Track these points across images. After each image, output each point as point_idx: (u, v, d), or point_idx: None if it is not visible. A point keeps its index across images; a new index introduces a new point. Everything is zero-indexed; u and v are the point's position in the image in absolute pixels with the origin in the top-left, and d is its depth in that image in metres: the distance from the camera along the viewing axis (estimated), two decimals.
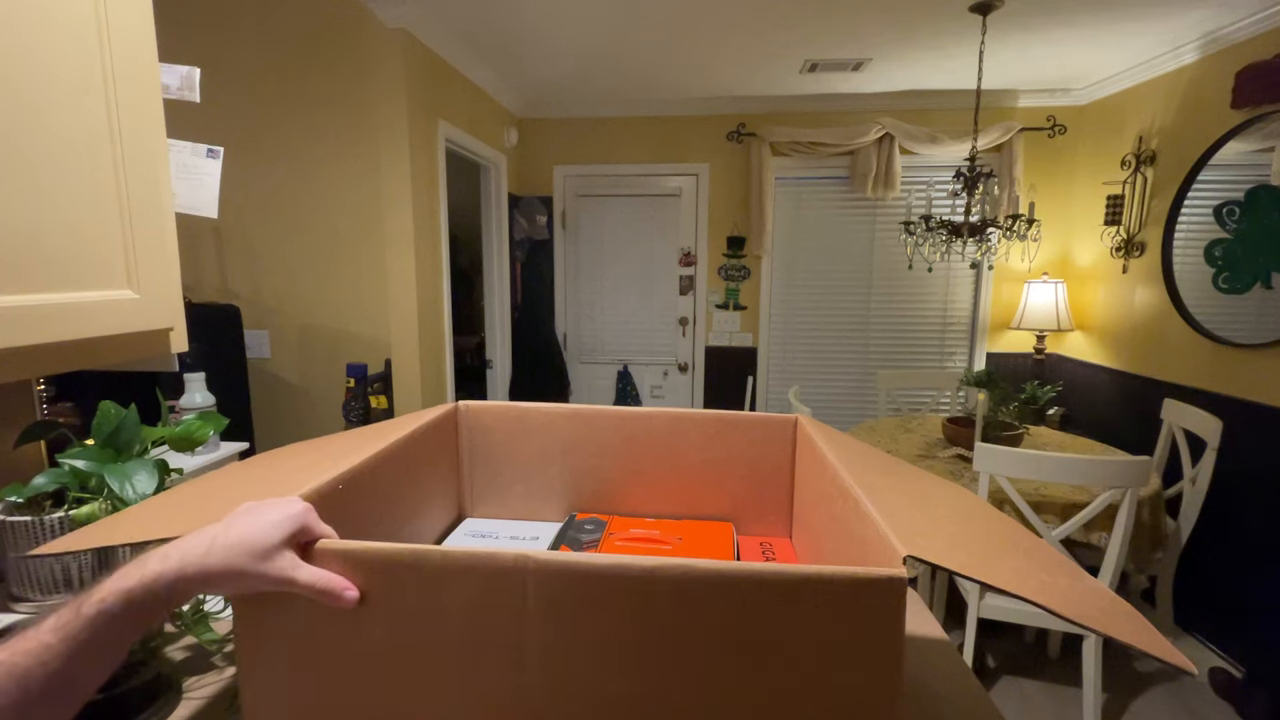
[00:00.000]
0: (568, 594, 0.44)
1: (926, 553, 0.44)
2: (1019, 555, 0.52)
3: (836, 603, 0.42)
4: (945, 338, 3.66)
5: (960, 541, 0.52)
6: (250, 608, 0.47)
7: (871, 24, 2.42)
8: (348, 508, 0.61)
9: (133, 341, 0.79)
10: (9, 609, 0.67)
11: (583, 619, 0.45)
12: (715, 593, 0.43)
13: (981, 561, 0.47)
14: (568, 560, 0.44)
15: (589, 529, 0.86)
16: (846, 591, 0.42)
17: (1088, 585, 0.48)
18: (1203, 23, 2.36)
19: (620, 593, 0.44)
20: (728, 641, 0.44)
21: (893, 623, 0.42)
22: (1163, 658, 0.40)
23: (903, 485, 0.67)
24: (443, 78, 2.65)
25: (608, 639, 0.45)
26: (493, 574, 0.45)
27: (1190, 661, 0.40)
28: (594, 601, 0.44)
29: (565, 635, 0.45)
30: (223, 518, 0.47)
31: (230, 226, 2.46)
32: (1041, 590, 0.43)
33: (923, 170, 3.49)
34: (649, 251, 3.78)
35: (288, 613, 0.47)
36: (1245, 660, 2.25)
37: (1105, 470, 1.72)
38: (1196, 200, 2.55)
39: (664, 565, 0.43)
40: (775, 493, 0.91)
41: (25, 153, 0.65)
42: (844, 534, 0.61)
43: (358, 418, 2.33)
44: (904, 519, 0.52)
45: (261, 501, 0.47)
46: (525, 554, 0.44)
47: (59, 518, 0.69)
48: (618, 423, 0.90)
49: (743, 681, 0.44)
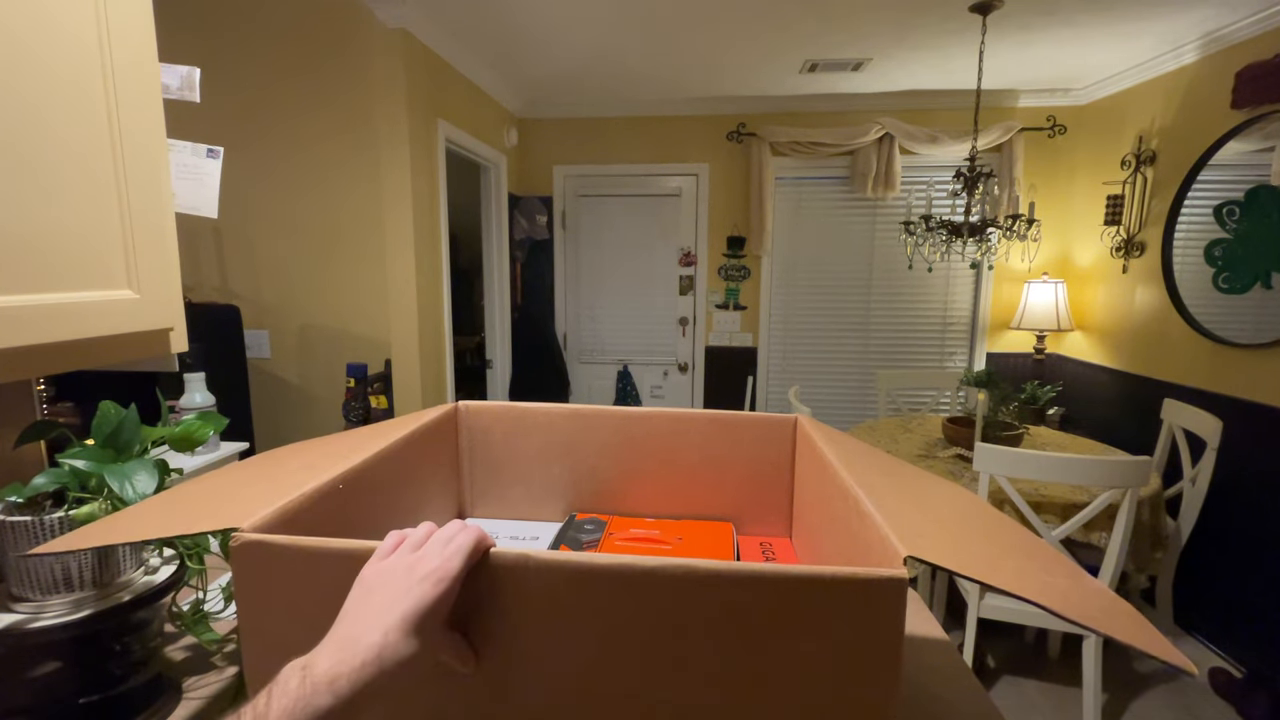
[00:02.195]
0: (566, 593, 0.44)
1: (927, 553, 0.44)
2: (1020, 556, 0.52)
3: (837, 603, 0.42)
4: (945, 338, 3.66)
5: (961, 542, 0.52)
6: (249, 565, 0.47)
7: (871, 24, 2.42)
8: (348, 507, 0.61)
9: (133, 341, 0.79)
10: (9, 609, 0.67)
11: (580, 617, 0.45)
12: (713, 592, 0.43)
13: (983, 562, 0.46)
14: (567, 560, 0.44)
15: (589, 529, 0.86)
16: (847, 592, 0.42)
17: (1088, 586, 0.48)
18: (1203, 23, 2.36)
19: (619, 592, 0.44)
20: (727, 641, 0.44)
21: (893, 624, 0.42)
22: (1163, 658, 0.40)
23: (903, 485, 0.67)
24: (443, 78, 2.65)
25: (604, 637, 0.45)
26: (495, 570, 0.45)
27: (1190, 661, 0.40)
28: (592, 600, 0.44)
29: (562, 632, 0.45)
30: (222, 518, 0.46)
31: (230, 226, 2.46)
32: (1043, 591, 0.43)
33: (923, 170, 3.49)
34: (649, 251, 3.78)
35: (287, 578, 0.47)
36: (1245, 660, 2.25)
37: (1105, 470, 1.72)
38: (1196, 200, 2.55)
39: (665, 565, 0.43)
40: (775, 493, 0.91)
41: (25, 153, 0.65)
42: (844, 534, 0.61)
43: (358, 418, 2.33)
44: (904, 519, 0.52)
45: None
46: (526, 553, 0.45)
47: (59, 518, 0.69)
48: (618, 423, 0.90)
49: (742, 681, 0.44)
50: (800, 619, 0.43)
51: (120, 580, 0.73)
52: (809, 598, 0.42)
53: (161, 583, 0.75)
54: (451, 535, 0.45)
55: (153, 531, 0.48)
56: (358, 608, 0.40)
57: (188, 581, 0.80)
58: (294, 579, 0.46)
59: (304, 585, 0.46)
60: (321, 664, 0.36)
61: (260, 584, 0.47)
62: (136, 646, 0.72)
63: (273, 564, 0.46)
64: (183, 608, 0.79)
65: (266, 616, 0.47)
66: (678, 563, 0.43)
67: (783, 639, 0.43)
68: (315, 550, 0.46)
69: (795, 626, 0.43)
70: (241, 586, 0.47)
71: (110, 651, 0.70)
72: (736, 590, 0.43)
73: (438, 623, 0.41)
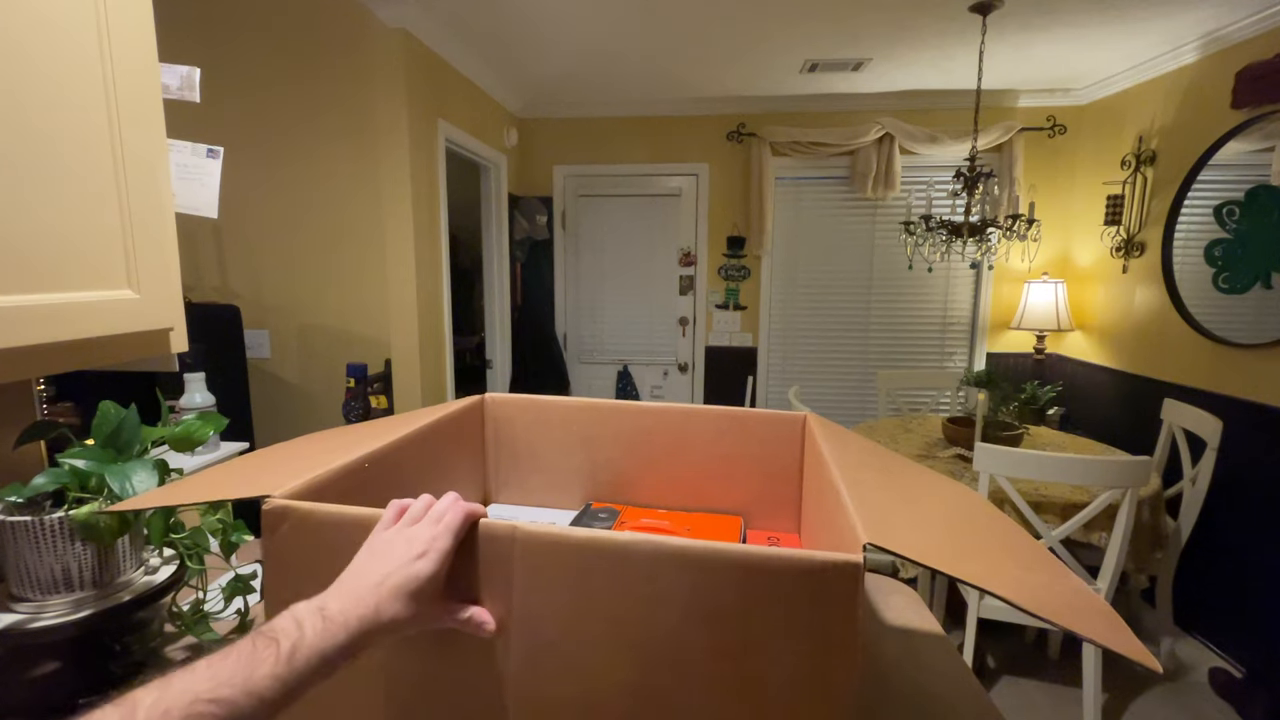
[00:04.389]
0: (551, 564, 0.48)
1: (891, 543, 0.45)
2: (1000, 552, 0.53)
3: (795, 586, 0.45)
4: (945, 338, 3.66)
5: (937, 535, 0.53)
6: (275, 525, 0.52)
7: (871, 24, 2.42)
8: (374, 484, 0.66)
9: (133, 341, 0.79)
10: (9, 609, 0.67)
11: (562, 589, 0.48)
12: (682, 568, 0.45)
13: (952, 555, 0.48)
14: (551, 533, 0.48)
15: (603, 516, 0.89)
16: (804, 575, 0.44)
17: (1066, 584, 0.49)
18: (1203, 23, 2.36)
19: (597, 565, 0.47)
20: (693, 615, 0.46)
21: (848, 607, 0.44)
22: (1131, 656, 0.41)
23: (894, 481, 0.68)
24: (443, 78, 2.65)
25: (585, 609, 0.48)
26: (487, 539, 0.49)
27: (1157, 661, 0.41)
28: (572, 573, 0.48)
29: (542, 599, 0.49)
30: (259, 488, 0.53)
31: (230, 226, 2.46)
32: (1010, 586, 0.44)
33: (923, 170, 3.49)
34: (649, 251, 3.78)
35: (307, 539, 0.52)
36: (1245, 660, 2.25)
37: (1105, 470, 1.72)
38: (1196, 200, 2.55)
39: (636, 540, 0.46)
40: (785, 489, 0.92)
41: (24, 152, 0.65)
42: (828, 525, 0.63)
43: (358, 418, 2.33)
44: (879, 511, 0.53)
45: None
46: (514, 525, 0.48)
47: (59, 518, 0.69)
48: (633, 417, 0.94)
49: (707, 655, 0.47)
50: (761, 600, 0.45)
51: (120, 580, 0.74)
52: (769, 579, 0.44)
53: (161, 583, 0.75)
54: (442, 513, 0.50)
55: (199, 496, 0.56)
56: (361, 567, 0.47)
57: (188, 581, 0.80)
58: (312, 540, 0.52)
59: (321, 546, 0.52)
60: (333, 605, 0.43)
61: (284, 543, 0.53)
62: (136, 646, 0.72)
63: (297, 525, 0.52)
64: (183, 608, 0.79)
65: (288, 570, 0.54)
66: (647, 539, 0.46)
67: (745, 617, 0.45)
68: (331, 515, 0.52)
69: (756, 606, 0.45)
70: (268, 544, 0.53)
71: (110, 651, 0.70)
72: (703, 567, 0.45)
73: (432, 592, 0.47)
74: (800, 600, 0.44)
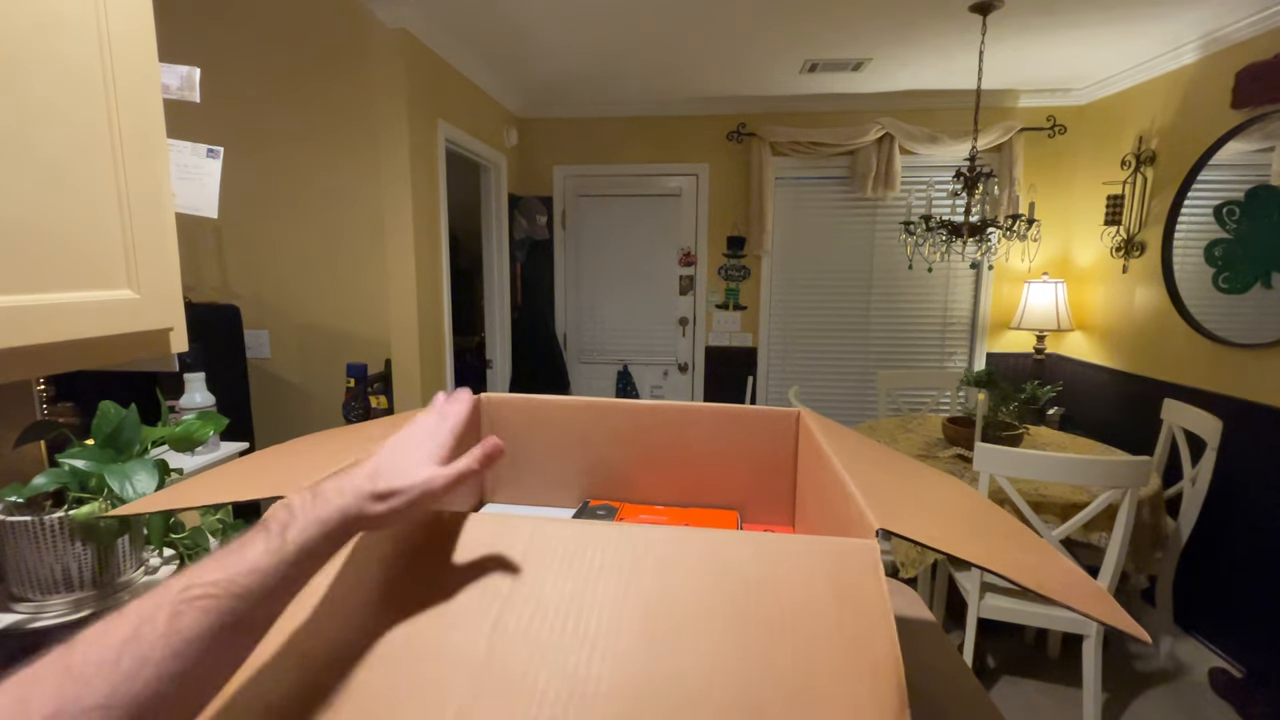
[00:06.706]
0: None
1: (901, 528, 0.46)
2: (997, 536, 0.54)
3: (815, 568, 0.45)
4: (945, 338, 3.66)
5: (939, 522, 0.54)
6: None
7: (871, 24, 2.42)
8: None
9: (133, 341, 0.79)
10: (9, 609, 0.67)
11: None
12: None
13: (955, 539, 0.48)
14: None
15: (600, 514, 0.90)
16: (826, 557, 0.44)
17: (1058, 565, 0.50)
18: (1203, 23, 2.36)
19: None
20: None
21: (875, 583, 0.44)
22: (1121, 628, 0.42)
23: (893, 473, 0.69)
24: (443, 78, 2.65)
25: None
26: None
27: (1145, 632, 0.42)
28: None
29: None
30: (268, 488, 0.53)
31: (231, 227, 2.46)
32: (1008, 565, 0.44)
33: (923, 170, 3.49)
34: (649, 251, 3.78)
35: None
36: (1245, 660, 2.25)
37: (1105, 470, 1.72)
38: (1196, 200, 2.55)
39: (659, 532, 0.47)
40: (779, 483, 0.93)
41: (24, 152, 0.65)
42: (832, 515, 0.63)
43: (358, 418, 2.33)
44: (885, 500, 0.54)
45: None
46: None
47: (59, 518, 0.69)
48: (629, 415, 0.95)
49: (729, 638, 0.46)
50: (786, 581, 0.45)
51: (120, 580, 0.74)
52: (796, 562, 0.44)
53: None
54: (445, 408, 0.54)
55: (202, 499, 0.56)
56: (395, 448, 0.50)
57: None
58: None
59: None
60: (327, 483, 0.44)
61: None
62: None
63: None
64: None
65: None
66: (669, 530, 0.45)
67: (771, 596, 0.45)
68: None
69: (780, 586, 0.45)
70: None
71: None
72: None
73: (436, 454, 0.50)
74: (823, 581, 0.44)
